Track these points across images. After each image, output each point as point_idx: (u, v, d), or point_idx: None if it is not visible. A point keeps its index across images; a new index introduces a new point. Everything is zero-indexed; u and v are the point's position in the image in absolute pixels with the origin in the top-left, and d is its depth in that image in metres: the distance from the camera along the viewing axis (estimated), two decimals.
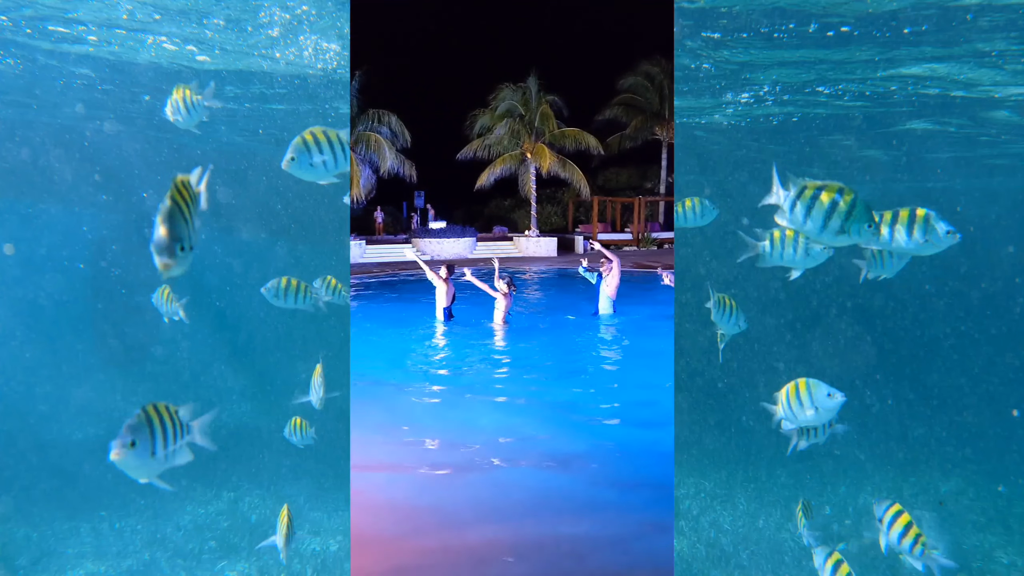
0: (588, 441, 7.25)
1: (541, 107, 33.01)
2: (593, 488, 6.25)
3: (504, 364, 10.25)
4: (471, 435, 7.26)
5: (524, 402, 8.45)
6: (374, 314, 15.10)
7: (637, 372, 9.76)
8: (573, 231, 35.89)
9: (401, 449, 6.91)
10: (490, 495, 6.09)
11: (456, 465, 6.58)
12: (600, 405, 8.36)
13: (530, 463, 6.72)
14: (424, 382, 9.15)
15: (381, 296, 18.52)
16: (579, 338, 12.10)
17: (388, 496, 6.07)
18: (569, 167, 33.18)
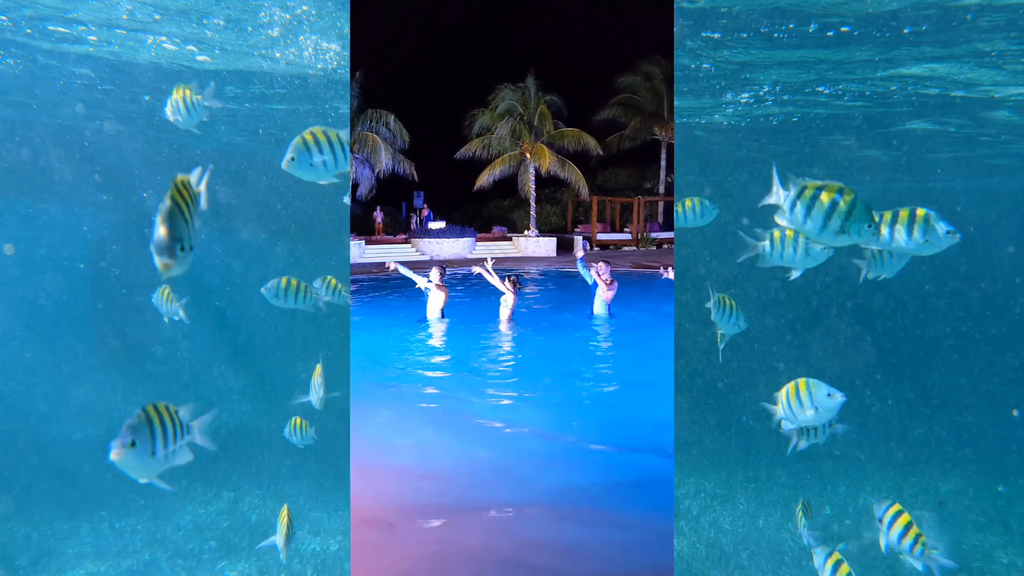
0: (586, 443, 7.25)
1: (539, 107, 33.03)
2: (594, 487, 6.26)
3: (506, 364, 10.26)
4: (475, 435, 7.27)
5: (516, 401, 8.46)
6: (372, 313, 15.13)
7: (632, 371, 9.78)
8: (572, 231, 35.87)
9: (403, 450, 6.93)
10: (489, 496, 6.09)
11: (456, 464, 6.59)
12: (596, 401, 8.38)
13: (533, 462, 6.72)
14: (418, 384, 9.16)
15: (380, 297, 18.53)
16: (574, 339, 12.11)
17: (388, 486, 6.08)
18: (568, 167, 33.19)
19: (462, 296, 16.43)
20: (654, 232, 35.16)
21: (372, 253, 29.40)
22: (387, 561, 5.00)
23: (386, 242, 31.63)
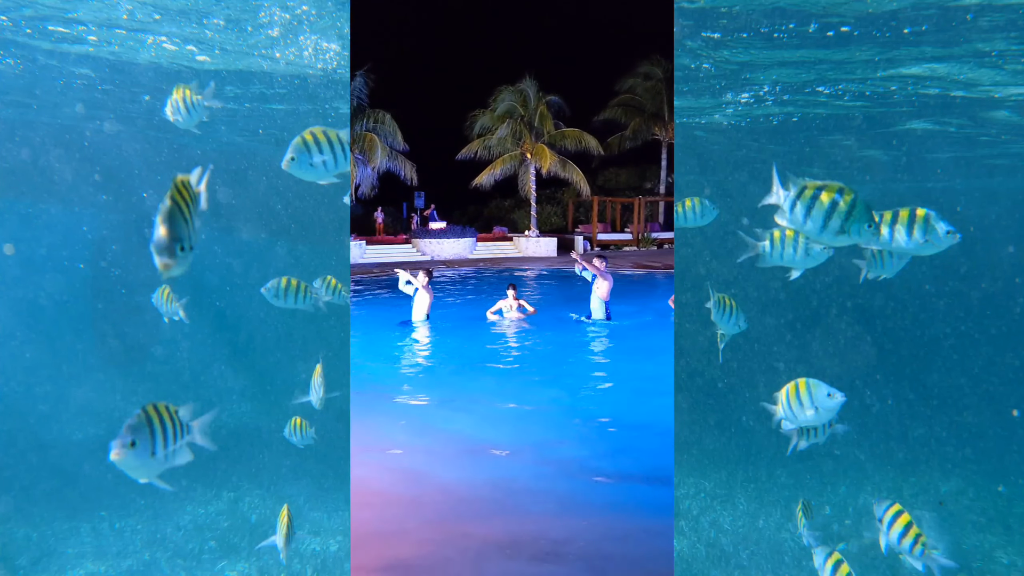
0: (584, 440, 7.25)
1: (539, 107, 33.03)
2: (592, 489, 6.25)
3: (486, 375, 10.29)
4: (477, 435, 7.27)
5: (512, 406, 8.46)
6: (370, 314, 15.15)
7: (628, 380, 9.78)
8: (573, 231, 35.90)
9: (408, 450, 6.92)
10: (489, 493, 6.09)
11: (456, 464, 6.58)
12: (591, 408, 8.36)
13: (530, 463, 6.71)
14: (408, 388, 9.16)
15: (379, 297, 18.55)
16: (569, 342, 12.13)
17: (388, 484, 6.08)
18: (569, 167, 33.20)
19: (458, 296, 16.46)
20: (655, 232, 35.22)
21: (373, 253, 29.40)
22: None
23: (387, 242, 31.63)
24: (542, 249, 32.39)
